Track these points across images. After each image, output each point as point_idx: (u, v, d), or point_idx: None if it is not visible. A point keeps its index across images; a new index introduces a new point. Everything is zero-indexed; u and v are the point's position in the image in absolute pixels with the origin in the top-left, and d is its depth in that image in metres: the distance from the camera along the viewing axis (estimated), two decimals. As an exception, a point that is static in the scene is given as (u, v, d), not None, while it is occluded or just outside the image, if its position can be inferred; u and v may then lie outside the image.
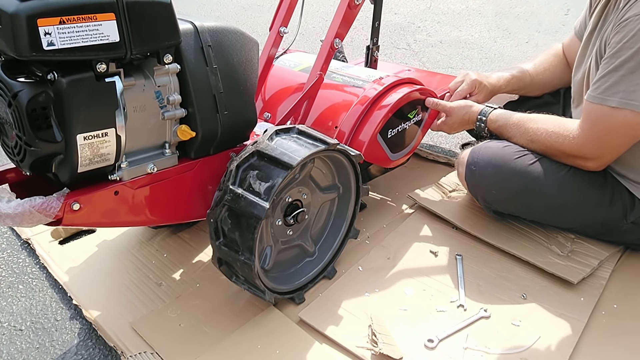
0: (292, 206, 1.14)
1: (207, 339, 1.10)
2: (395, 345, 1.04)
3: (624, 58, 1.10)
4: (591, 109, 1.18)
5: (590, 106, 1.18)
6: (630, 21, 1.09)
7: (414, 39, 3.44)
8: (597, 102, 1.16)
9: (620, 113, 1.13)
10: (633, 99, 1.10)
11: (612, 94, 1.13)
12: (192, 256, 1.36)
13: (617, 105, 1.12)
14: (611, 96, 1.13)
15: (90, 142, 0.87)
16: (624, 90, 1.11)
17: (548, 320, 1.14)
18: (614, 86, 1.12)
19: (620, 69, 1.11)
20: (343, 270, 1.29)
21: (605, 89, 1.14)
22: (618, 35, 1.12)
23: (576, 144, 1.22)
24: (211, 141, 1.07)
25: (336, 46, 1.36)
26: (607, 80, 1.13)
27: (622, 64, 1.11)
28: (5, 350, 1.12)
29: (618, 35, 1.12)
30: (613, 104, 1.13)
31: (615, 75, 1.12)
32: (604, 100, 1.14)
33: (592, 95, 1.17)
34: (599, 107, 1.15)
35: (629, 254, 1.35)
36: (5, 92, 0.82)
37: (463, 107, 1.47)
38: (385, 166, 1.49)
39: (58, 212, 0.89)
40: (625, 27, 1.10)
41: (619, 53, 1.11)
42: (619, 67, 1.11)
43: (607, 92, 1.14)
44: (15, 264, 1.38)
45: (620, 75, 1.11)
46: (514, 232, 1.39)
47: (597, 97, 1.16)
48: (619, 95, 1.12)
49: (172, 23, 0.91)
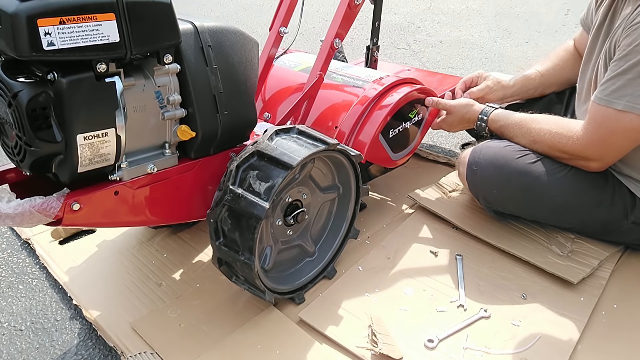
0: (292, 206, 1.14)
1: (207, 339, 1.10)
2: (395, 345, 1.04)
3: (633, 62, 1.10)
4: (597, 111, 1.18)
5: (596, 108, 1.18)
6: None
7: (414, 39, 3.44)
8: (604, 104, 1.15)
9: (626, 117, 1.13)
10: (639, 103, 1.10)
11: (618, 97, 1.13)
12: (192, 256, 1.36)
13: (623, 109, 1.12)
14: (618, 99, 1.13)
15: (90, 142, 0.87)
16: (631, 94, 1.11)
17: (548, 320, 1.14)
18: (621, 89, 1.12)
19: (628, 72, 1.11)
20: (343, 270, 1.29)
21: (612, 92, 1.14)
22: (628, 39, 1.12)
23: (580, 145, 1.22)
24: (211, 141, 1.07)
25: (336, 46, 1.36)
26: (615, 83, 1.13)
27: (631, 67, 1.10)
28: (5, 350, 1.12)
29: (628, 38, 1.12)
30: (619, 107, 1.13)
31: (623, 79, 1.12)
32: (610, 102, 1.14)
33: (599, 97, 1.17)
34: (605, 109, 1.15)
35: (629, 254, 1.35)
36: (5, 92, 0.82)
37: (464, 106, 1.47)
38: (387, 166, 1.49)
39: (58, 212, 0.89)
40: (636, 30, 1.10)
41: (628, 56, 1.11)
42: (627, 70, 1.11)
43: (613, 95, 1.13)
44: (15, 264, 1.38)
45: (628, 78, 1.11)
46: (514, 232, 1.39)
47: (603, 99, 1.15)
48: (625, 98, 1.12)
49: (172, 23, 0.91)
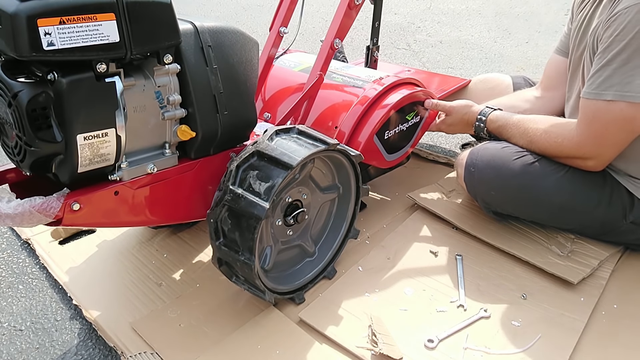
0: (292, 206, 1.14)
1: (207, 339, 1.10)
2: (395, 345, 1.04)
3: (616, 51, 1.10)
4: (587, 106, 1.17)
5: (586, 103, 1.18)
6: (620, 14, 1.09)
7: (414, 39, 3.44)
8: (593, 97, 1.15)
9: (616, 106, 1.12)
10: (628, 90, 1.10)
11: (606, 87, 1.12)
12: (192, 256, 1.36)
13: (612, 99, 1.12)
14: (606, 90, 1.12)
15: (90, 142, 0.87)
16: (619, 82, 1.10)
17: (548, 320, 1.14)
18: (608, 80, 1.12)
19: (612, 62, 1.11)
20: (343, 271, 1.29)
21: (600, 84, 1.13)
22: (609, 30, 1.12)
23: (575, 143, 1.22)
24: (211, 141, 1.07)
25: (336, 46, 1.36)
26: (601, 75, 1.13)
27: (614, 57, 1.10)
28: (5, 351, 1.12)
29: (609, 30, 1.12)
30: (608, 98, 1.12)
31: (609, 69, 1.12)
32: (599, 95, 1.14)
33: (587, 91, 1.16)
34: (595, 102, 1.15)
35: (629, 254, 1.35)
36: (5, 92, 0.82)
37: (463, 107, 1.47)
38: (381, 167, 1.49)
39: (58, 212, 0.89)
40: (615, 20, 1.10)
41: (610, 46, 1.11)
42: (611, 60, 1.11)
43: (601, 87, 1.13)
44: (15, 264, 1.38)
45: (613, 68, 1.11)
46: (514, 232, 1.39)
47: (592, 92, 1.15)
48: (614, 88, 1.11)
49: (172, 23, 0.91)
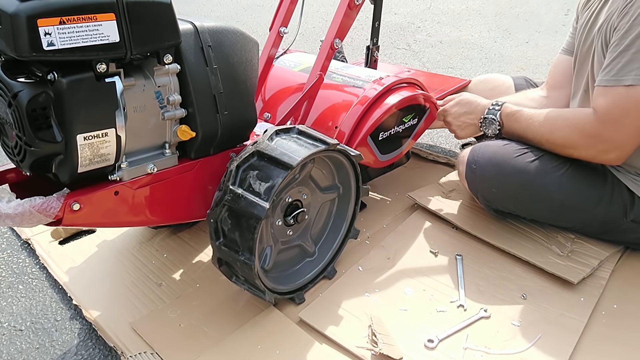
0: (292, 206, 1.14)
1: (207, 339, 1.10)
2: (395, 346, 1.04)
3: (634, 35, 1.09)
4: (604, 93, 1.15)
5: (602, 91, 1.15)
6: (636, 1, 1.09)
7: (414, 39, 3.44)
8: (612, 84, 1.13)
9: (636, 91, 1.10)
10: None
11: (626, 73, 1.10)
12: (192, 256, 1.36)
13: (632, 83, 1.10)
14: (625, 75, 1.11)
15: (90, 142, 0.87)
16: (639, 67, 1.09)
17: (548, 320, 1.14)
18: (627, 65, 1.10)
19: (631, 46, 1.09)
20: (343, 271, 1.29)
21: (619, 70, 1.12)
22: (626, 17, 1.11)
23: (595, 131, 1.17)
24: (211, 141, 1.07)
25: (336, 46, 1.36)
26: (620, 61, 1.11)
27: (633, 41, 1.09)
28: (5, 351, 1.12)
29: (626, 16, 1.11)
30: (628, 82, 1.10)
31: (628, 54, 1.10)
32: (618, 81, 1.12)
33: (605, 79, 1.14)
34: (614, 89, 1.13)
35: (629, 254, 1.35)
36: (5, 92, 0.82)
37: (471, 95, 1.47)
38: (374, 167, 1.49)
39: (58, 212, 0.89)
40: (631, 8, 1.10)
41: (629, 32, 1.10)
42: (629, 45, 1.10)
43: (620, 73, 1.11)
44: (15, 264, 1.38)
45: (632, 52, 1.10)
46: (514, 232, 1.39)
47: (610, 79, 1.13)
48: (633, 72, 1.10)
49: (172, 23, 0.91)
